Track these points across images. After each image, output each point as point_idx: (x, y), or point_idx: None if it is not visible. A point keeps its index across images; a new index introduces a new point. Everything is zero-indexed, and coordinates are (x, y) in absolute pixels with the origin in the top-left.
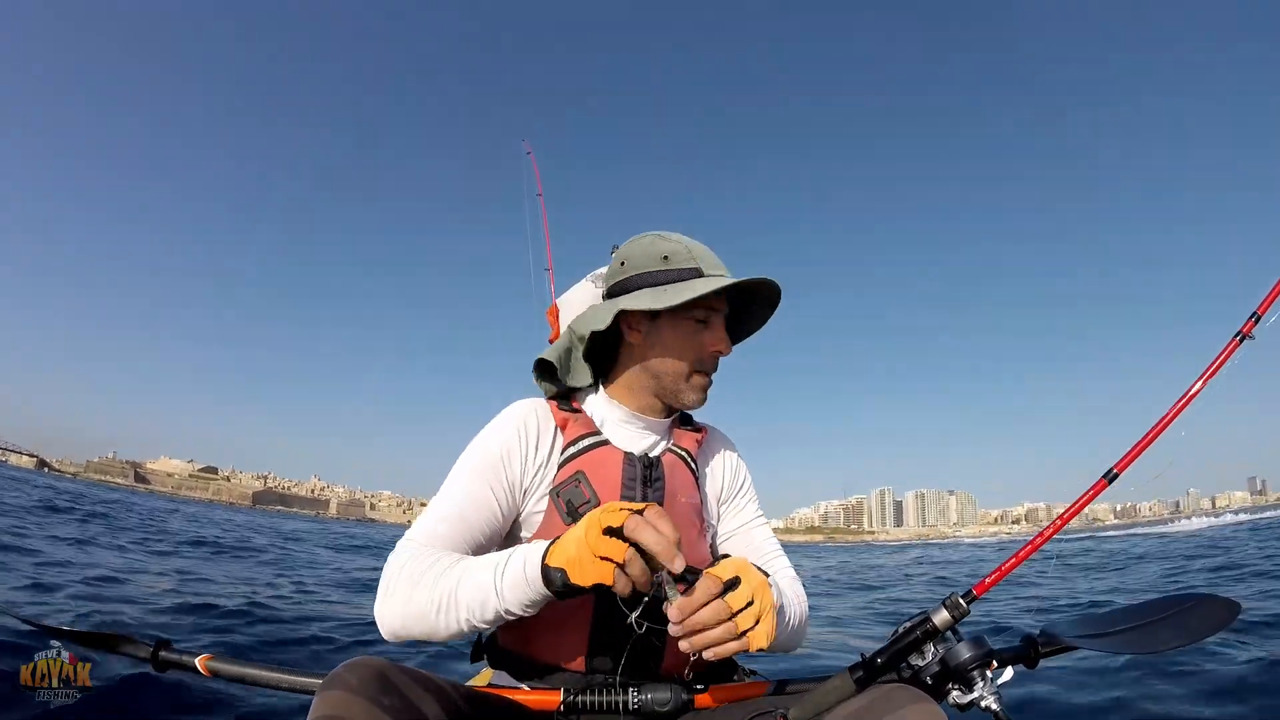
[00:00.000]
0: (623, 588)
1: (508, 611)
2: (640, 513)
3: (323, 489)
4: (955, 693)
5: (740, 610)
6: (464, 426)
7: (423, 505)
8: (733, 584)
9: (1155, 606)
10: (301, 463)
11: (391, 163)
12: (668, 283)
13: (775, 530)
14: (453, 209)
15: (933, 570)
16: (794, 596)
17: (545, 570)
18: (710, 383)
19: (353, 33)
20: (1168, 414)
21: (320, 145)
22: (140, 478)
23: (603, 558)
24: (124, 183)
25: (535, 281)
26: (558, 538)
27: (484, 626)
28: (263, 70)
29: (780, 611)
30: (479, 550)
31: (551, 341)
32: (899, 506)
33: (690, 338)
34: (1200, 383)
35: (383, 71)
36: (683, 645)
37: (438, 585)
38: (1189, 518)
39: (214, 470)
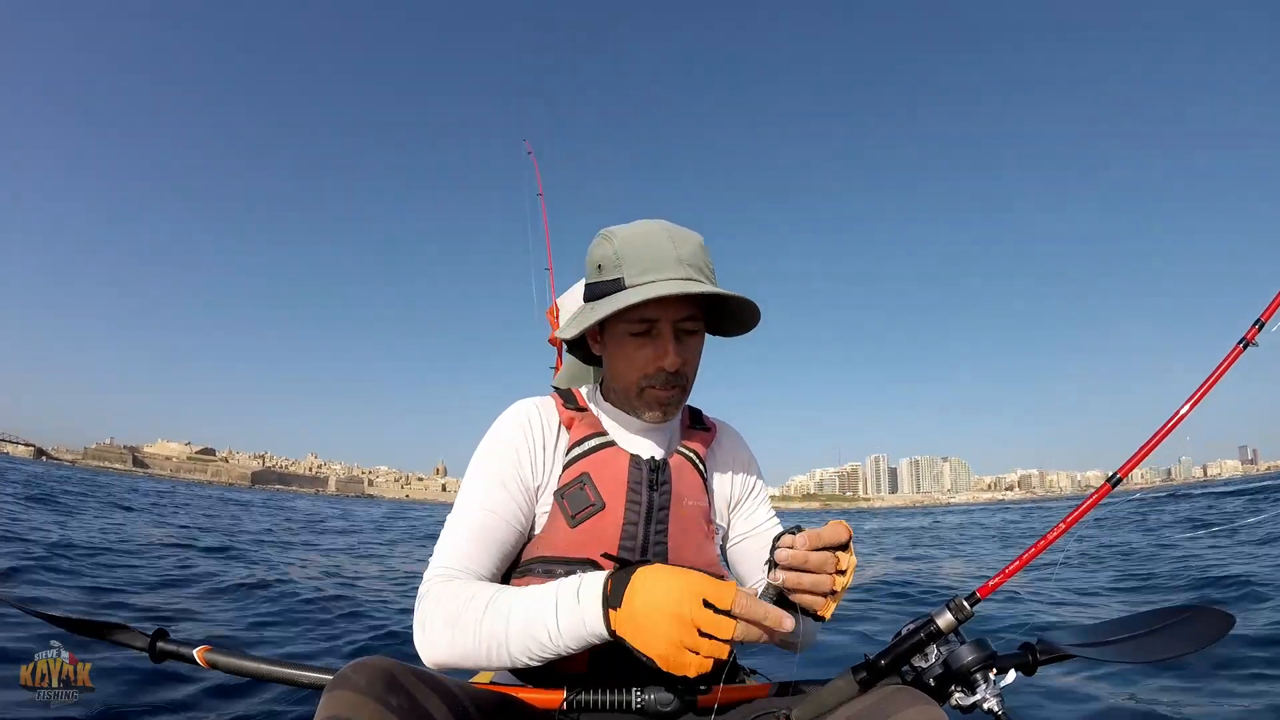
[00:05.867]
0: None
1: (567, 648)
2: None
3: (320, 466)
4: (958, 695)
5: (838, 572)
6: (459, 404)
7: (419, 480)
8: (844, 546)
9: (1150, 618)
10: (298, 440)
11: (397, 150)
12: (600, 296)
13: (771, 498)
14: (452, 198)
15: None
16: None
17: (613, 632)
18: (670, 396)
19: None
20: (1171, 419)
21: (319, 135)
22: (139, 462)
23: (694, 651)
24: (117, 176)
25: (536, 281)
26: (612, 582)
27: (539, 664)
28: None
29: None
30: (506, 559)
31: (550, 342)
32: (894, 473)
33: (632, 354)
34: (1204, 389)
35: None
36: (780, 576)
37: (481, 628)
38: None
39: (211, 452)
